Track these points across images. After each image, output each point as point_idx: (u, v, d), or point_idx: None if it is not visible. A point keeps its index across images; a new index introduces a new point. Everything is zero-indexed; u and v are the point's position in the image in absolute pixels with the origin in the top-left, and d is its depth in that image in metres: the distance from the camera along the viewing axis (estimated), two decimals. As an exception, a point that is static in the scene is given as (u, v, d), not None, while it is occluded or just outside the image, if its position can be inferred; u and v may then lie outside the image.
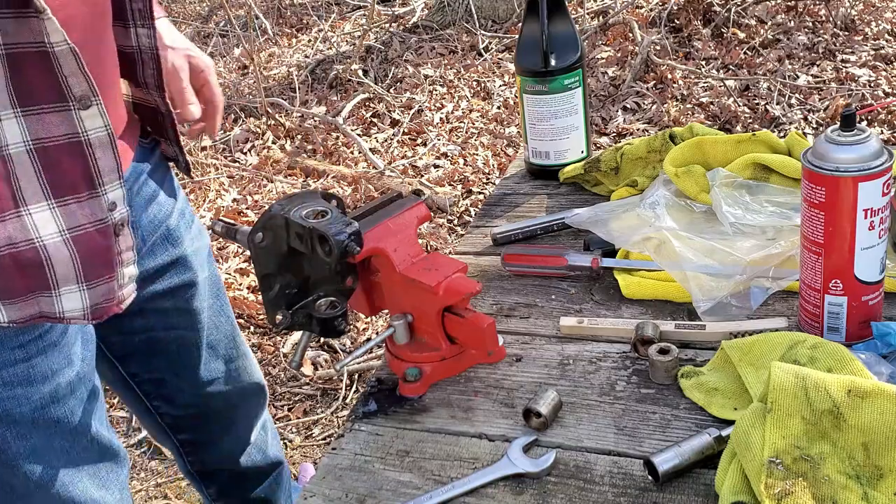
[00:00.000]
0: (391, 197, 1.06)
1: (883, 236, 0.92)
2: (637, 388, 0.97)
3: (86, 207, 0.94)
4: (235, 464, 1.50)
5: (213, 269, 1.34)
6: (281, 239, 0.96)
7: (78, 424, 1.08)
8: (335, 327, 0.97)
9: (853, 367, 0.84)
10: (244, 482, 1.54)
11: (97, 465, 1.13)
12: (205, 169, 4.02)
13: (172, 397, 1.36)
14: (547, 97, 1.40)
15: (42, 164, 0.90)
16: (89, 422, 1.10)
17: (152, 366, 1.30)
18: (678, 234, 1.12)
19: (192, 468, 1.49)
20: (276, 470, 1.57)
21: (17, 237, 0.90)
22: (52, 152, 0.90)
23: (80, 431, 1.09)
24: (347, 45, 5.25)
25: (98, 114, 0.92)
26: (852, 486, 0.75)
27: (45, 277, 0.94)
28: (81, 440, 1.10)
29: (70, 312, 0.98)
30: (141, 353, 1.28)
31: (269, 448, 1.55)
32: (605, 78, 4.22)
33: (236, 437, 1.48)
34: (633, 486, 0.84)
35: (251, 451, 1.51)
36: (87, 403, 1.10)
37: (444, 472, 0.89)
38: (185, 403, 1.37)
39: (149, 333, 1.26)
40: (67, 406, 1.07)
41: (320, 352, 2.73)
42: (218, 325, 1.35)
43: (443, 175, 3.66)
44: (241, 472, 1.51)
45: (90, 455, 1.11)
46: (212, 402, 1.39)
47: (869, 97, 3.66)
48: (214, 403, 1.39)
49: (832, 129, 0.91)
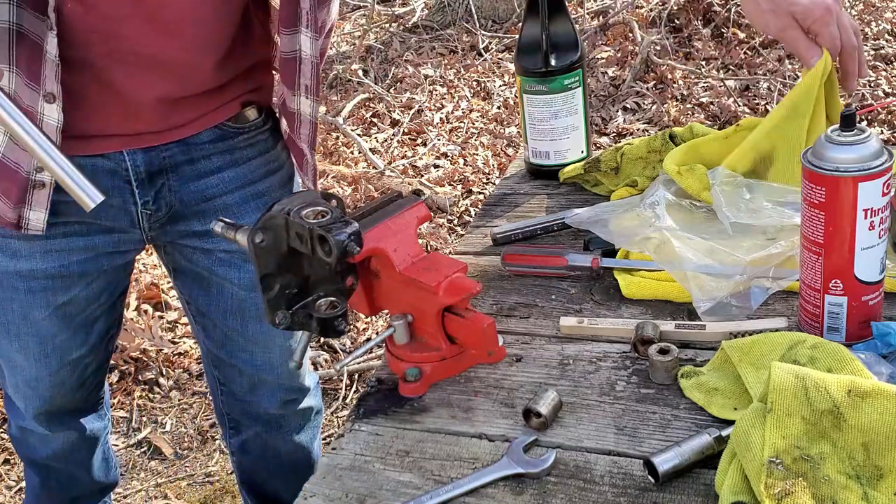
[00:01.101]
0: (391, 197, 1.06)
1: (883, 236, 0.92)
2: (637, 388, 0.97)
3: (21, 154, 1.13)
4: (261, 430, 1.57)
5: None
6: (281, 239, 0.96)
7: (15, 309, 1.32)
8: (335, 327, 0.97)
9: (853, 367, 0.84)
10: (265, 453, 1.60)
11: (29, 341, 1.35)
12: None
13: (209, 330, 1.46)
14: (547, 97, 1.40)
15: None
16: (29, 313, 1.32)
17: (193, 294, 1.43)
18: (678, 234, 1.12)
19: (223, 408, 1.58)
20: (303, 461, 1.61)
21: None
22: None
23: (20, 314, 1.32)
24: (347, 45, 5.25)
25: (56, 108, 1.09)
26: (852, 486, 0.75)
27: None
28: (24, 323, 1.33)
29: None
30: (187, 278, 1.41)
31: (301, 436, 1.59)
32: (605, 78, 4.22)
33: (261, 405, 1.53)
34: (633, 486, 0.84)
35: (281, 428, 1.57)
36: (53, 295, 1.30)
37: (444, 472, 0.89)
38: (219, 342, 1.46)
39: (194, 267, 1.38)
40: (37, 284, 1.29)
41: (320, 352, 2.73)
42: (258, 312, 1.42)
43: (443, 175, 3.65)
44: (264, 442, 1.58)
45: (26, 333, 1.34)
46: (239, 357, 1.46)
47: (869, 97, 3.66)
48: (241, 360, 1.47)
49: (832, 129, 0.91)
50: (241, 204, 1.33)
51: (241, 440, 1.60)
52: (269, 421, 1.55)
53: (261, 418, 1.55)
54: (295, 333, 1.46)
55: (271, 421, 1.55)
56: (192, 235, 1.34)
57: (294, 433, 1.58)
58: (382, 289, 1.05)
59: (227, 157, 1.31)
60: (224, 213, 1.29)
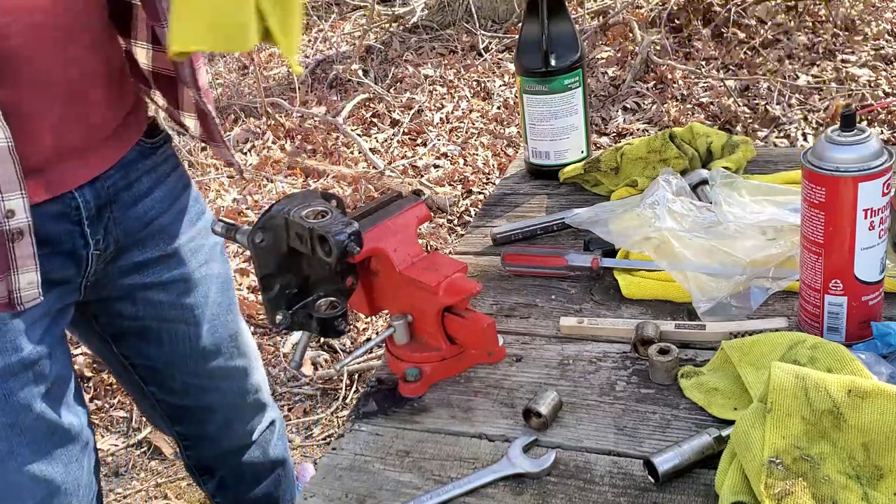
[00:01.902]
0: (391, 197, 1.06)
1: (883, 236, 0.92)
2: (637, 388, 0.97)
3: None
4: (236, 461, 1.50)
5: (224, 267, 1.35)
6: (281, 239, 0.96)
7: (19, 403, 1.11)
8: (335, 327, 0.97)
9: (853, 367, 0.84)
10: (244, 480, 1.54)
11: (42, 440, 1.16)
12: (205, 169, 4.02)
13: (167, 386, 1.37)
14: (547, 97, 1.40)
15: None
16: (32, 401, 1.13)
17: (142, 352, 1.33)
18: (678, 234, 1.12)
19: (189, 461, 1.50)
20: (277, 469, 1.57)
21: None
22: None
23: (22, 409, 1.12)
24: (347, 45, 5.25)
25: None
26: (852, 486, 0.75)
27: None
28: (24, 418, 1.13)
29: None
30: (132, 338, 1.31)
31: (273, 448, 1.55)
32: (605, 78, 4.22)
33: (236, 438, 1.48)
34: (633, 486, 0.84)
35: (253, 449, 1.51)
36: (35, 386, 1.12)
37: (444, 472, 0.89)
38: (181, 392, 1.38)
39: (140, 322, 1.29)
40: (6, 385, 1.10)
41: (320, 352, 2.73)
42: (222, 323, 1.36)
43: (443, 175, 3.65)
44: (241, 470, 1.52)
45: (35, 432, 1.14)
46: (208, 398, 1.40)
47: (869, 97, 3.66)
48: (211, 399, 1.40)
49: (832, 129, 0.91)
50: (174, 223, 1.26)
51: (217, 481, 1.54)
52: (241, 451, 1.50)
53: (236, 453, 1.49)
54: (250, 347, 1.44)
55: (244, 449, 1.50)
56: (133, 270, 1.24)
57: (269, 450, 1.54)
58: (382, 289, 1.05)
59: (153, 175, 1.23)
60: (161, 235, 1.24)
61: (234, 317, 1.39)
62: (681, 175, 1.25)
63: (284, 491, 1.60)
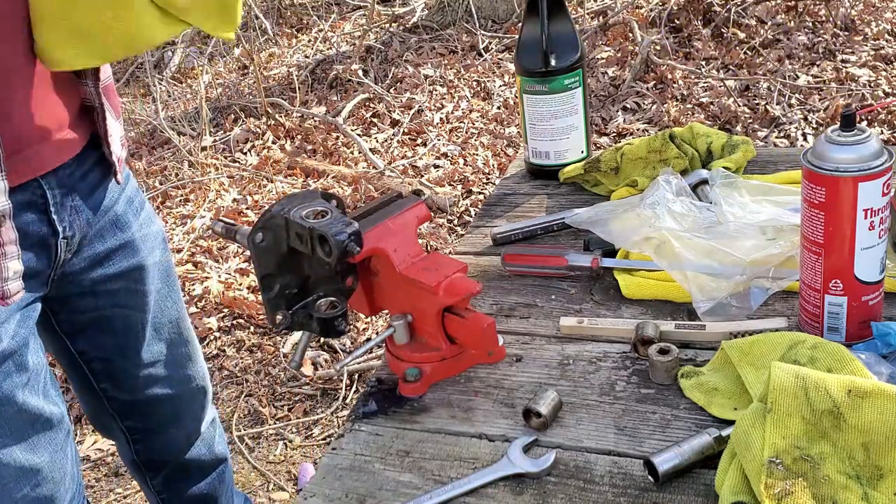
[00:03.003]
0: (391, 197, 1.06)
1: (883, 236, 0.92)
2: (637, 388, 0.97)
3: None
4: (181, 455, 1.53)
5: (165, 255, 1.38)
6: (281, 239, 0.96)
7: (2, 394, 1.12)
8: (335, 327, 0.97)
9: (853, 367, 0.84)
10: (188, 475, 1.57)
11: (26, 430, 1.16)
12: (205, 169, 4.02)
13: (119, 378, 1.39)
14: (547, 97, 1.40)
15: None
16: (14, 392, 1.13)
17: (98, 343, 1.34)
18: (678, 234, 1.12)
19: (137, 457, 1.52)
20: (220, 466, 1.60)
21: None
22: None
23: (5, 401, 1.13)
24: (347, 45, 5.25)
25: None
26: (852, 487, 0.75)
27: None
28: (7, 409, 1.13)
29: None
30: (89, 331, 1.33)
31: (216, 444, 1.58)
32: (605, 78, 4.22)
33: (184, 429, 1.51)
34: (633, 486, 0.84)
35: (199, 444, 1.54)
36: (16, 376, 1.13)
37: (444, 472, 0.89)
38: (131, 386, 1.40)
39: (98, 312, 1.31)
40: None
41: (320, 352, 2.73)
42: (164, 309, 1.39)
43: (443, 175, 3.66)
44: (186, 464, 1.54)
45: (18, 422, 1.15)
46: (156, 388, 1.42)
47: (869, 97, 3.66)
48: (159, 389, 1.42)
49: (832, 129, 0.91)
50: (126, 212, 1.27)
51: (163, 477, 1.55)
52: (188, 444, 1.51)
53: (184, 447, 1.51)
54: (192, 334, 1.46)
55: (191, 443, 1.52)
56: (96, 263, 1.25)
57: (214, 446, 1.56)
58: (382, 289, 1.05)
59: (103, 166, 1.23)
60: (117, 224, 1.25)
61: (176, 304, 1.42)
62: (681, 175, 1.25)
63: (226, 488, 1.63)
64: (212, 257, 3.35)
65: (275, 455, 2.41)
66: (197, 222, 3.60)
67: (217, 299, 3.06)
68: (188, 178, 3.97)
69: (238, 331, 2.93)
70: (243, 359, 2.79)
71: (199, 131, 4.36)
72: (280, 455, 2.41)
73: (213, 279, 3.16)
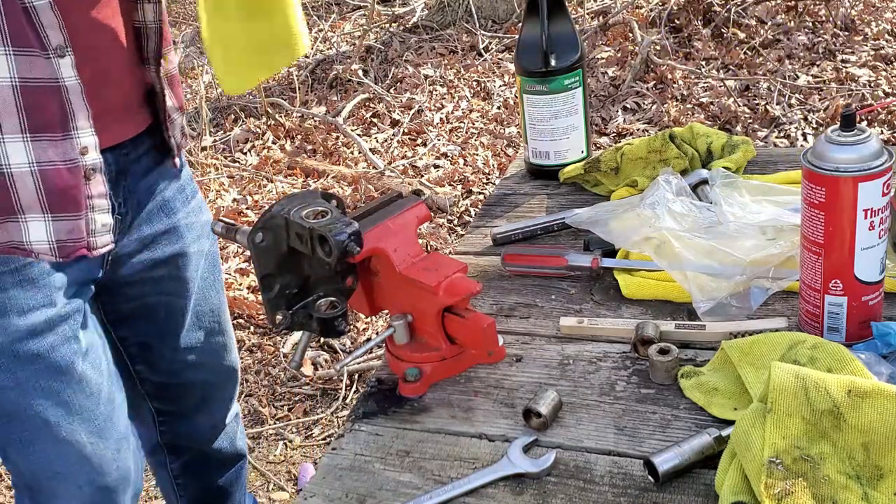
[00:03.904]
0: (391, 197, 1.06)
1: (883, 236, 0.92)
2: (637, 388, 0.97)
3: (58, 146, 1.04)
4: (206, 444, 1.53)
5: (213, 246, 1.40)
6: (281, 239, 0.96)
7: (60, 361, 1.14)
8: (335, 327, 0.97)
9: (853, 367, 0.84)
10: (209, 466, 1.57)
11: (81, 401, 1.18)
12: (205, 169, 4.02)
13: (155, 362, 1.41)
14: (547, 97, 1.40)
15: (24, 102, 1.00)
16: (74, 360, 1.15)
17: (140, 329, 1.36)
18: (678, 234, 1.12)
19: (162, 438, 1.52)
20: (239, 462, 1.61)
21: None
22: (34, 92, 1.01)
23: (63, 368, 1.15)
24: (347, 45, 5.25)
25: (70, 65, 1.03)
26: (852, 487, 0.75)
27: (10, 201, 1.04)
28: (65, 377, 1.15)
29: (37, 244, 1.07)
30: (133, 318, 1.35)
31: (238, 439, 1.59)
32: (605, 78, 4.22)
33: (210, 416, 1.52)
34: (633, 486, 0.84)
35: (222, 436, 1.54)
36: (73, 343, 1.15)
37: (444, 472, 0.89)
38: (167, 370, 1.41)
39: (143, 300, 1.33)
40: (46, 341, 1.12)
41: (320, 352, 2.73)
42: (207, 297, 1.40)
43: (443, 175, 3.65)
44: (208, 454, 1.55)
45: (73, 392, 1.17)
46: (190, 373, 1.43)
47: (869, 97, 3.66)
48: (193, 375, 1.44)
49: (832, 130, 0.91)
50: (174, 198, 1.29)
51: (182, 463, 1.55)
52: (213, 434, 1.52)
53: (208, 436, 1.52)
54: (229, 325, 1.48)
55: (215, 434, 1.53)
56: (142, 247, 1.27)
57: (236, 441, 1.57)
58: (382, 289, 1.05)
59: (155, 153, 1.26)
60: (164, 209, 1.28)
61: (219, 294, 1.43)
62: (681, 175, 1.25)
63: (241, 486, 1.64)
64: (212, 257, 3.34)
65: (275, 455, 2.41)
66: (197, 222, 3.59)
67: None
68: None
69: (238, 331, 2.93)
70: (243, 359, 2.79)
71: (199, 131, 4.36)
72: (280, 455, 2.41)
73: (213, 279, 3.15)
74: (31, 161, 1.03)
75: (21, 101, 1.00)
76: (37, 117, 1.02)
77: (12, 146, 1.02)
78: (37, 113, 1.02)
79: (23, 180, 1.03)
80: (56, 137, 1.04)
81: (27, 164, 1.03)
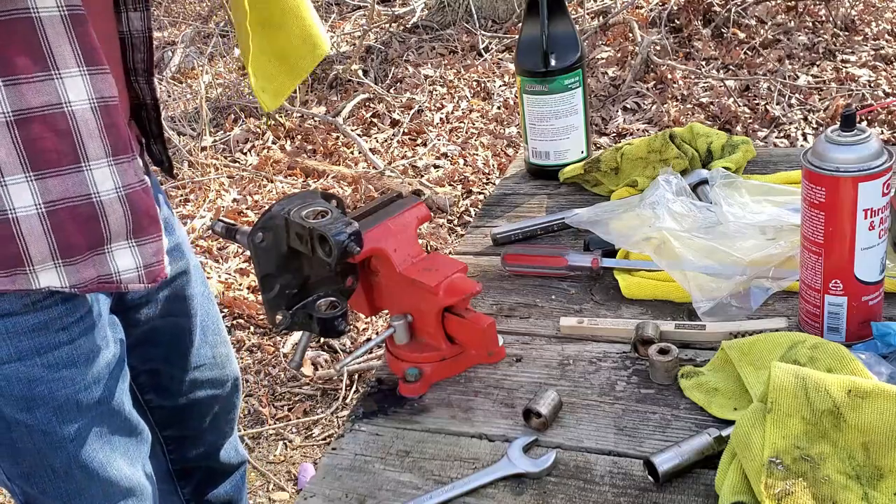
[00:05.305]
0: (391, 197, 1.06)
1: (883, 236, 0.92)
2: (637, 388, 0.97)
3: (134, 166, 1.00)
4: (214, 460, 1.52)
5: (195, 258, 1.38)
6: (281, 239, 0.96)
7: (115, 404, 1.12)
8: (335, 327, 0.97)
9: (853, 367, 0.84)
10: (217, 479, 1.56)
11: (127, 443, 1.16)
12: (205, 169, 4.02)
13: (165, 387, 1.38)
14: (547, 97, 1.40)
15: (104, 123, 0.96)
16: (123, 401, 1.14)
17: (149, 355, 1.33)
18: (678, 234, 1.12)
19: (172, 466, 1.50)
20: (242, 466, 1.60)
21: (73, 192, 0.94)
22: (112, 111, 0.96)
23: (116, 411, 1.13)
24: (347, 45, 5.25)
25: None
26: (852, 487, 0.75)
27: (100, 232, 0.98)
28: (116, 420, 1.13)
29: (125, 273, 1.02)
30: (141, 345, 1.31)
31: (238, 444, 1.58)
32: (605, 78, 4.22)
33: (218, 430, 1.51)
34: (633, 486, 0.84)
35: (228, 446, 1.53)
36: (122, 383, 1.13)
37: (444, 472, 0.89)
38: (176, 392, 1.39)
39: (149, 324, 1.30)
40: (107, 387, 1.10)
41: (320, 352, 2.73)
42: (208, 312, 1.38)
43: (443, 175, 3.66)
44: (217, 468, 1.54)
45: (122, 434, 1.15)
46: (199, 391, 1.42)
47: (869, 97, 3.66)
48: (202, 392, 1.42)
49: (832, 130, 0.91)
50: (170, 216, 1.27)
51: (194, 485, 1.54)
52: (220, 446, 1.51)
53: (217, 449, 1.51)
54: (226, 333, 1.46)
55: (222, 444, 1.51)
56: None
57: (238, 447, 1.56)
58: (382, 289, 1.05)
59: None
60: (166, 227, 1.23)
61: (214, 304, 1.42)
62: (681, 175, 1.25)
63: (244, 489, 1.63)
64: (212, 257, 3.35)
65: (275, 455, 2.41)
66: (197, 222, 3.60)
67: (217, 299, 3.06)
68: (188, 178, 3.96)
69: (238, 331, 2.93)
70: (243, 359, 2.79)
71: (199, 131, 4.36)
72: (280, 455, 2.41)
73: (213, 279, 3.16)
74: (118, 186, 0.98)
75: (102, 122, 0.96)
76: (114, 138, 0.97)
77: (99, 172, 0.96)
78: (113, 133, 0.97)
79: (112, 207, 0.98)
80: (129, 158, 0.99)
81: (114, 189, 0.98)
